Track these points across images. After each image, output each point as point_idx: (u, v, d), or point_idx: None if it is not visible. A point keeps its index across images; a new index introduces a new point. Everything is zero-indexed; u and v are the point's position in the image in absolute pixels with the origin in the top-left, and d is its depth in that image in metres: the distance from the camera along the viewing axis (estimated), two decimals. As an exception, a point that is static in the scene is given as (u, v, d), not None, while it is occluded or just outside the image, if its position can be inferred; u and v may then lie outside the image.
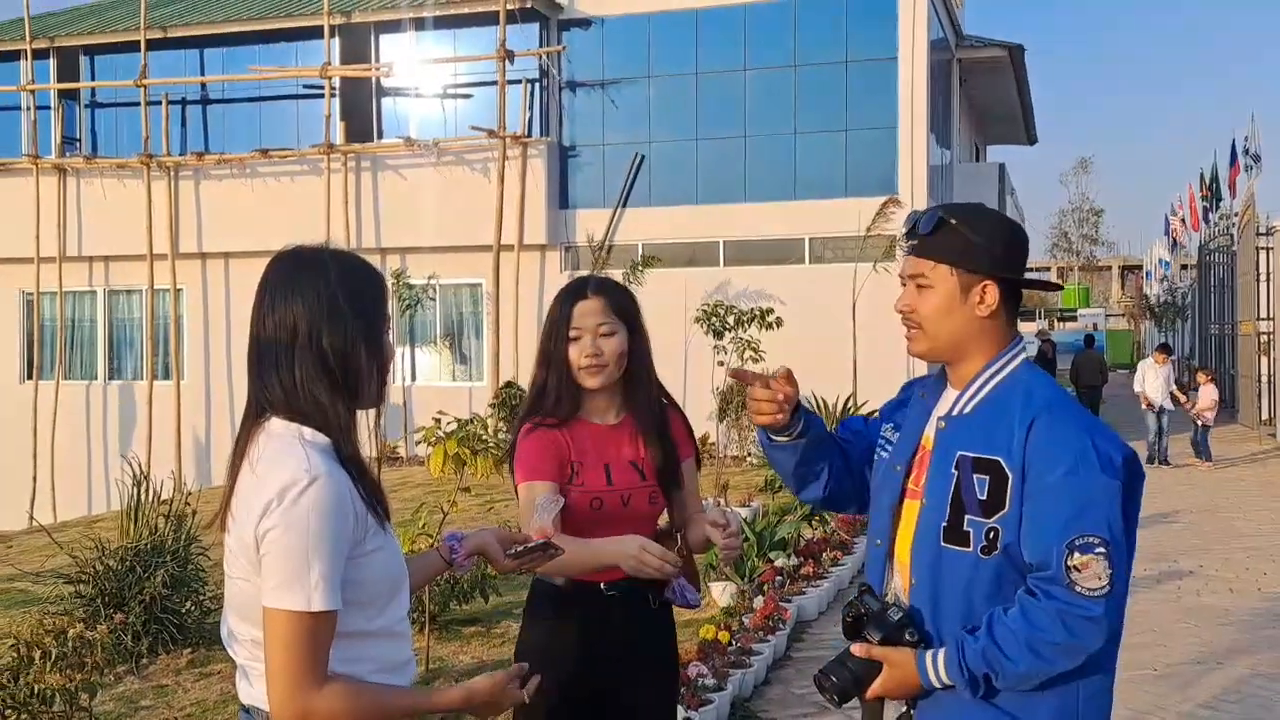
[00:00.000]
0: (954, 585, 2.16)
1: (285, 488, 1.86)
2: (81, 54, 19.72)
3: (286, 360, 1.95)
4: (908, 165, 16.47)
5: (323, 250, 2.04)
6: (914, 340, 2.29)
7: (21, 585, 8.62)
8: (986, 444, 2.15)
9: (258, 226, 17.68)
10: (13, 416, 19.60)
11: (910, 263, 2.27)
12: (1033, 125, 27.99)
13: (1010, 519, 2.11)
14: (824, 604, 7.60)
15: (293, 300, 1.95)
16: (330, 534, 1.86)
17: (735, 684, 5.55)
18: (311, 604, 1.84)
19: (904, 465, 2.32)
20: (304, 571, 1.84)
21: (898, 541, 2.30)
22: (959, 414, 2.24)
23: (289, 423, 1.96)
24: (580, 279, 2.95)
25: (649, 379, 2.90)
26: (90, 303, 19.87)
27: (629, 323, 2.86)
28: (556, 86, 17.84)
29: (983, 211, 2.29)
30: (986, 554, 2.12)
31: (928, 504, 2.22)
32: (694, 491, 2.98)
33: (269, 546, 1.86)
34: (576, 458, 2.82)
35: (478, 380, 17.87)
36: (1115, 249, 65.69)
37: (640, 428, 2.87)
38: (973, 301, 2.22)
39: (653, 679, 2.90)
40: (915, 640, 2.16)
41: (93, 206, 19.09)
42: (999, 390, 2.22)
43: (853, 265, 15.90)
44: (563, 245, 17.74)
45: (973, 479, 2.15)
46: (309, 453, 1.90)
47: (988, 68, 21.69)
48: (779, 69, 16.96)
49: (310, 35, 18.16)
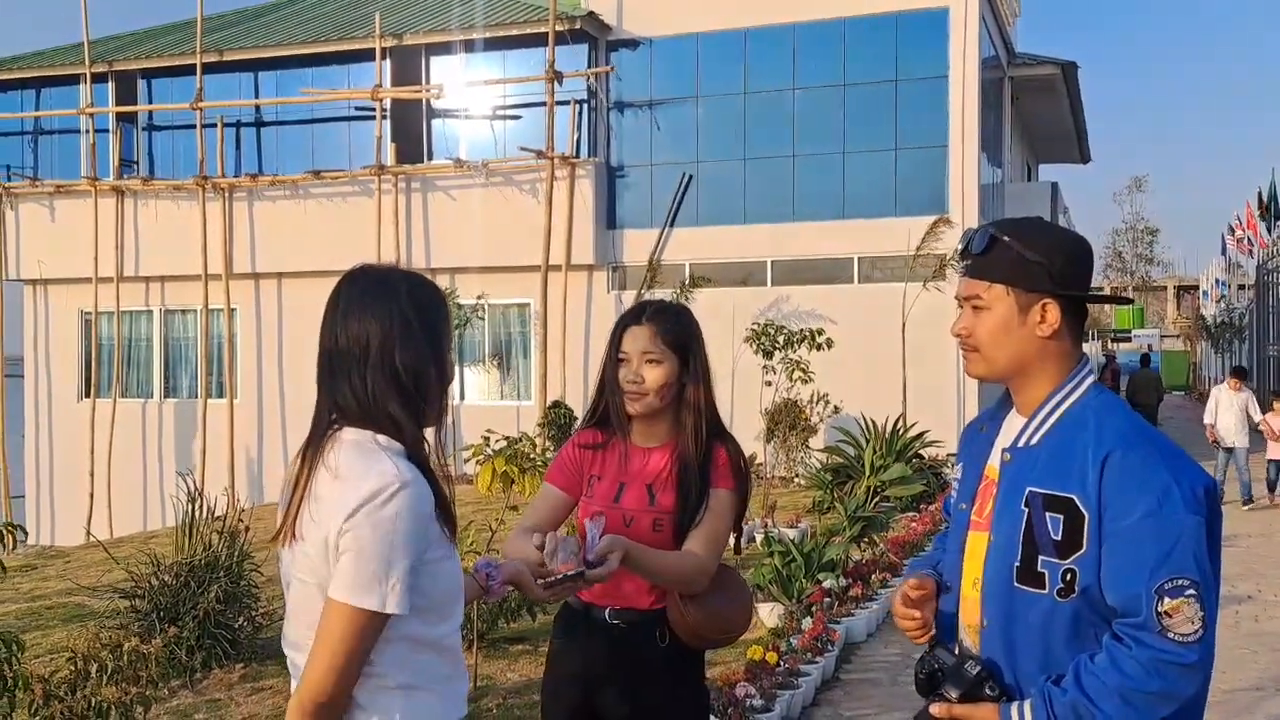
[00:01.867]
0: (1030, 629, 2.06)
1: (376, 491, 1.92)
2: (139, 78, 20.13)
3: (360, 373, 2.01)
4: (958, 184, 16.36)
5: (394, 270, 2.11)
6: (972, 363, 2.20)
7: (78, 599, 8.76)
8: (1059, 480, 2.04)
9: (310, 247, 17.93)
10: (71, 434, 19.97)
11: (965, 284, 2.18)
12: (1086, 143, 27.69)
13: (1088, 560, 2.00)
14: (873, 626, 7.53)
15: (366, 317, 2.02)
16: (411, 540, 1.93)
17: (783, 705, 5.51)
18: (386, 605, 1.92)
19: (969, 502, 2.23)
20: (384, 574, 1.91)
21: (965, 575, 2.20)
22: (1025, 445, 2.13)
23: (362, 430, 2.02)
24: (643, 303, 2.92)
25: (700, 410, 2.81)
26: (146, 322, 20.21)
27: (681, 353, 2.81)
28: (605, 107, 17.94)
29: (1039, 225, 2.19)
30: (1064, 596, 2.02)
31: (995, 540, 2.12)
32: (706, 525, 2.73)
33: (350, 545, 1.92)
34: (598, 472, 2.84)
35: (525, 399, 17.94)
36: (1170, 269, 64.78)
37: (673, 455, 2.81)
38: (1032, 322, 2.12)
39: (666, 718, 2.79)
40: (996, 695, 2.06)
41: (149, 228, 19.45)
42: (1068, 419, 2.11)
43: (902, 285, 15.81)
44: (610, 265, 17.80)
45: (1045, 518, 2.04)
46: (395, 460, 1.97)
47: (1040, 85, 21.51)
48: (828, 88, 16.93)
49: (362, 58, 18.41)
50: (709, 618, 2.72)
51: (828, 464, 13.04)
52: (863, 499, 10.69)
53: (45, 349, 20.60)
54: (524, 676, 6.24)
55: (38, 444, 20.60)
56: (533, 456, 6.56)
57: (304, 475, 2.04)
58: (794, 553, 7.88)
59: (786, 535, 8.86)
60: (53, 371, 20.56)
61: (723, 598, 2.75)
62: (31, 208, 20.18)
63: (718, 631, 2.77)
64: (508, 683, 6.11)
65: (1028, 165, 26.90)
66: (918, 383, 15.55)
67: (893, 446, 12.60)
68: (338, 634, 1.92)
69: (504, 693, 5.90)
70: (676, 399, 2.82)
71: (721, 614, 2.74)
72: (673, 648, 2.77)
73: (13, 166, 20.82)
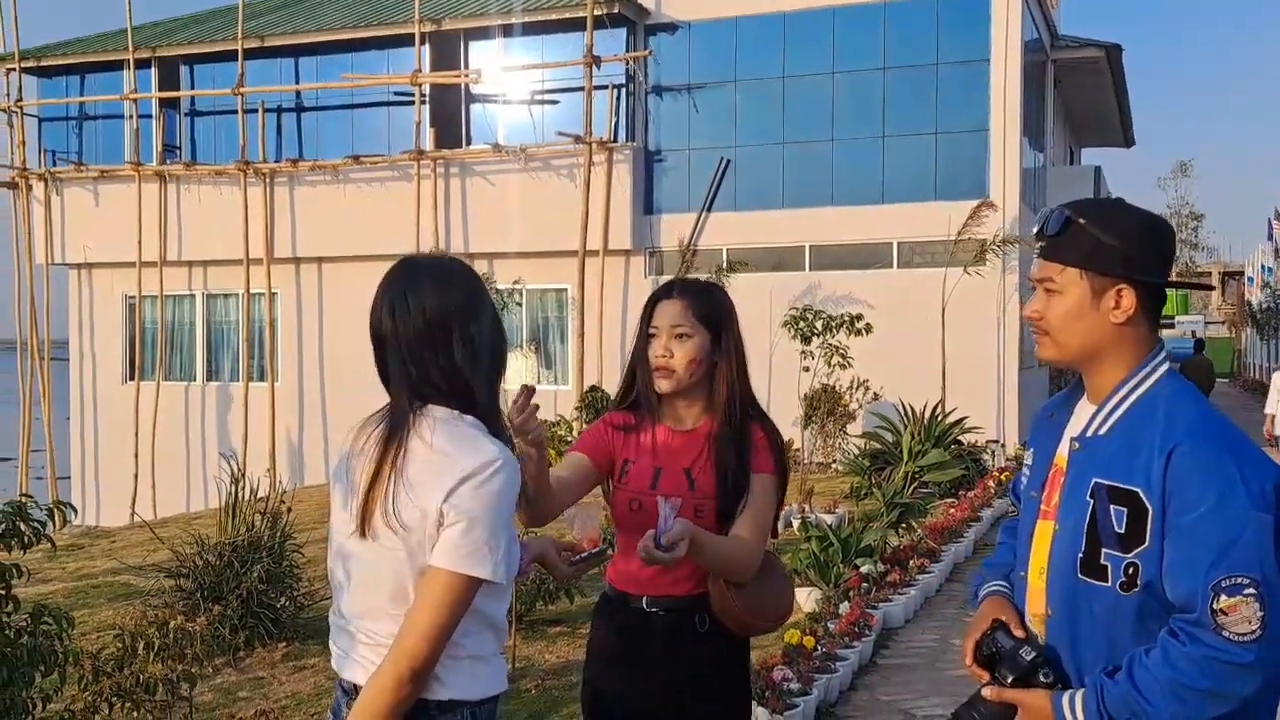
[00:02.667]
0: (1093, 620, 2.04)
1: (482, 465, 2.01)
2: (181, 64, 20.31)
3: (445, 352, 2.09)
4: (1000, 168, 16.21)
5: (442, 256, 2.26)
6: (1043, 347, 2.15)
7: (124, 578, 8.90)
8: (1124, 472, 2.01)
9: (350, 232, 18.05)
10: (115, 416, 20.25)
11: (1039, 266, 2.13)
12: (1130, 127, 27.34)
13: (1151, 555, 1.97)
14: (910, 611, 7.51)
15: (434, 298, 2.10)
16: (510, 515, 2.06)
17: (820, 689, 5.51)
18: (496, 574, 2.02)
19: (1038, 490, 2.20)
20: (495, 544, 2.01)
21: (1031, 564, 2.18)
22: (1094, 435, 2.09)
23: (449, 409, 2.10)
24: (673, 279, 2.88)
25: (733, 388, 2.74)
26: (189, 306, 20.44)
27: (713, 328, 2.74)
28: (643, 91, 17.91)
29: (1118, 208, 2.12)
30: (1126, 590, 1.99)
31: (1061, 529, 2.10)
32: (752, 510, 2.68)
33: (458, 517, 2.00)
34: (632, 456, 2.77)
35: (562, 384, 18.00)
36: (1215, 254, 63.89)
37: (710, 436, 2.73)
38: (1106, 307, 2.06)
39: (709, 708, 2.74)
40: (1050, 681, 2.04)
41: (192, 212, 19.65)
42: (1138, 408, 2.05)
43: (942, 270, 15.69)
44: (647, 250, 17.79)
45: (1110, 510, 2.01)
46: (489, 439, 2.08)
47: (1083, 68, 21.25)
48: (868, 71, 16.81)
49: (401, 43, 18.48)
50: (754, 604, 2.68)
51: (865, 450, 12.99)
52: (901, 485, 10.64)
53: (90, 332, 20.89)
54: (561, 658, 6.28)
55: (83, 426, 20.91)
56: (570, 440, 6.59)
57: (390, 459, 2.07)
58: (831, 538, 7.87)
59: (824, 521, 8.85)
60: (97, 355, 20.84)
61: (768, 584, 2.71)
62: (76, 192, 20.44)
63: (764, 618, 2.73)
64: (546, 664, 6.16)
65: (1070, 149, 26.59)
66: (957, 369, 15.44)
67: (931, 432, 12.53)
68: (444, 601, 1.99)
69: (542, 674, 5.95)
70: (709, 379, 2.75)
71: (767, 601, 2.71)
72: (713, 634, 2.72)
73: (58, 152, 21.10)
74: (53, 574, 9.42)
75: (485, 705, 2.16)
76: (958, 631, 7.15)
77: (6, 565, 3.38)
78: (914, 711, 5.63)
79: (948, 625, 7.35)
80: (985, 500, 11.07)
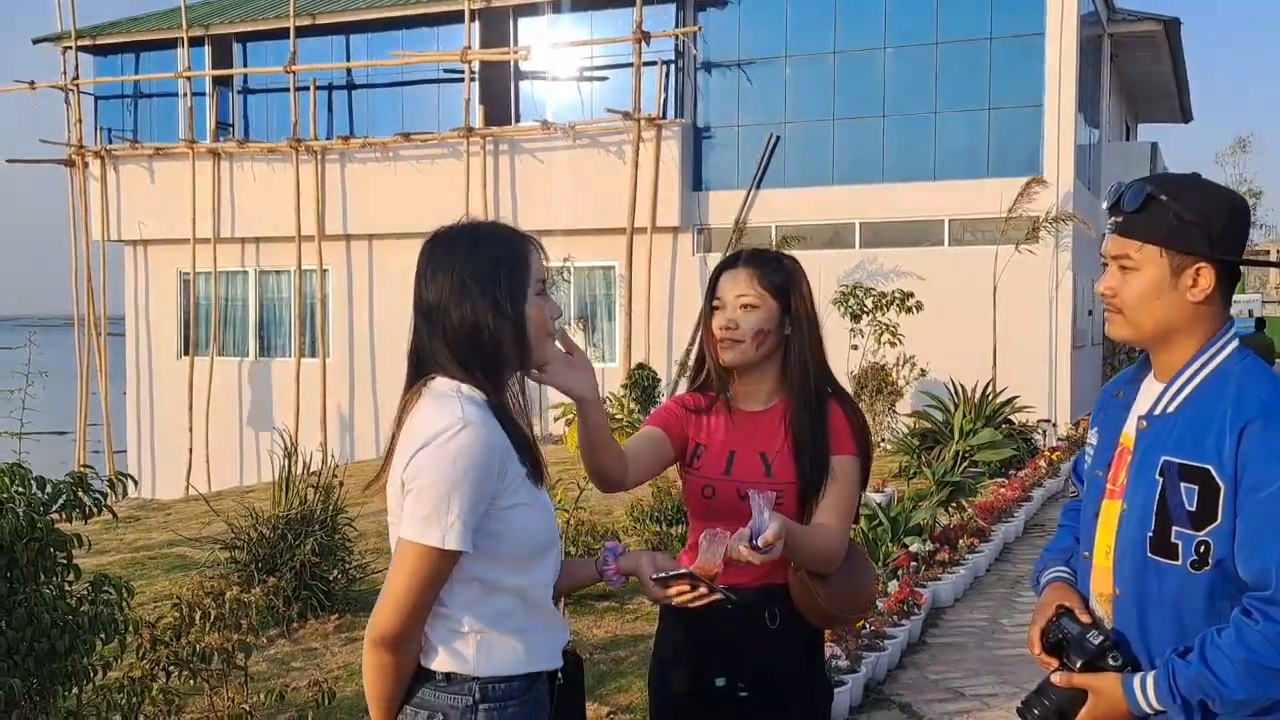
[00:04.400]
0: (1163, 600, 2.01)
1: (437, 433, 1.99)
2: (234, 41, 20.49)
3: (428, 331, 2.11)
4: (1054, 144, 15.96)
5: (460, 226, 2.18)
6: (1114, 325, 2.10)
7: (180, 550, 9.07)
8: (1195, 450, 1.98)
9: (400, 208, 18.15)
10: (170, 391, 20.58)
11: (1114, 242, 2.07)
12: (1188, 102, 26.79)
13: (1223, 532, 1.94)
14: (960, 591, 7.47)
15: (433, 279, 2.11)
16: (473, 480, 1.98)
17: (869, 667, 5.51)
18: (445, 541, 1.97)
19: (1104, 469, 2.17)
20: (444, 510, 1.96)
21: (1098, 543, 2.14)
22: (1162, 413, 2.06)
23: (450, 380, 2.09)
24: (741, 249, 2.77)
25: (806, 362, 2.60)
26: (242, 283, 20.68)
27: (781, 298, 2.60)
28: (692, 67, 17.81)
29: (1197, 183, 2.07)
30: (1197, 569, 1.97)
31: (1129, 509, 2.07)
32: (835, 496, 2.52)
33: (413, 484, 1.99)
34: (704, 439, 2.65)
35: (610, 361, 18.01)
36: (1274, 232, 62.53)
37: (785, 417, 2.58)
38: (1184, 285, 2.02)
39: (783, 702, 2.58)
40: (1120, 664, 2.03)
41: (244, 190, 19.86)
42: (1207, 385, 2.02)
43: (994, 248, 15.51)
44: (695, 228, 17.73)
45: (1180, 488, 1.98)
46: (464, 404, 2.04)
47: (1141, 42, 20.84)
48: (920, 46, 16.58)
49: (451, 20, 18.51)
50: (837, 596, 2.51)
51: (915, 429, 12.90)
52: (951, 464, 10.56)
53: (145, 308, 21.21)
54: (609, 633, 6.31)
55: (139, 400, 21.27)
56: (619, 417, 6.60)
57: (396, 431, 2.12)
58: (880, 517, 7.84)
59: (872, 500, 8.81)
60: (153, 330, 21.17)
61: (852, 575, 2.55)
62: (132, 170, 20.71)
63: (846, 609, 2.57)
64: (593, 639, 6.19)
65: (1126, 124, 26.12)
66: (1008, 347, 15.28)
67: (982, 411, 12.41)
68: (403, 569, 1.99)
69: (590, 649, 5.98)
70: (782, 353, 2.62)
71: (850, 592, 2.54)
72: (786, 625, 2.57)
73: (114, 130, 21.39)
74: (110, 545, 9.61)
75: (503, 684, 2.07)
76: (1007, 611, 7.11)
77: (68, 535, 3.45)
78: (963, 690, 5.61)
79: (997, 605, 7.30)
80: (1036, 480, 10.96)
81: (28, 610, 3.29)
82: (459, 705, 2.06)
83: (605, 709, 5.15)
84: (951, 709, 5.36)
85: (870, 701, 5.41)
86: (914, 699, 5.50)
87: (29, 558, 3.28)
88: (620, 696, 5.23)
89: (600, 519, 7.72)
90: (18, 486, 3.34)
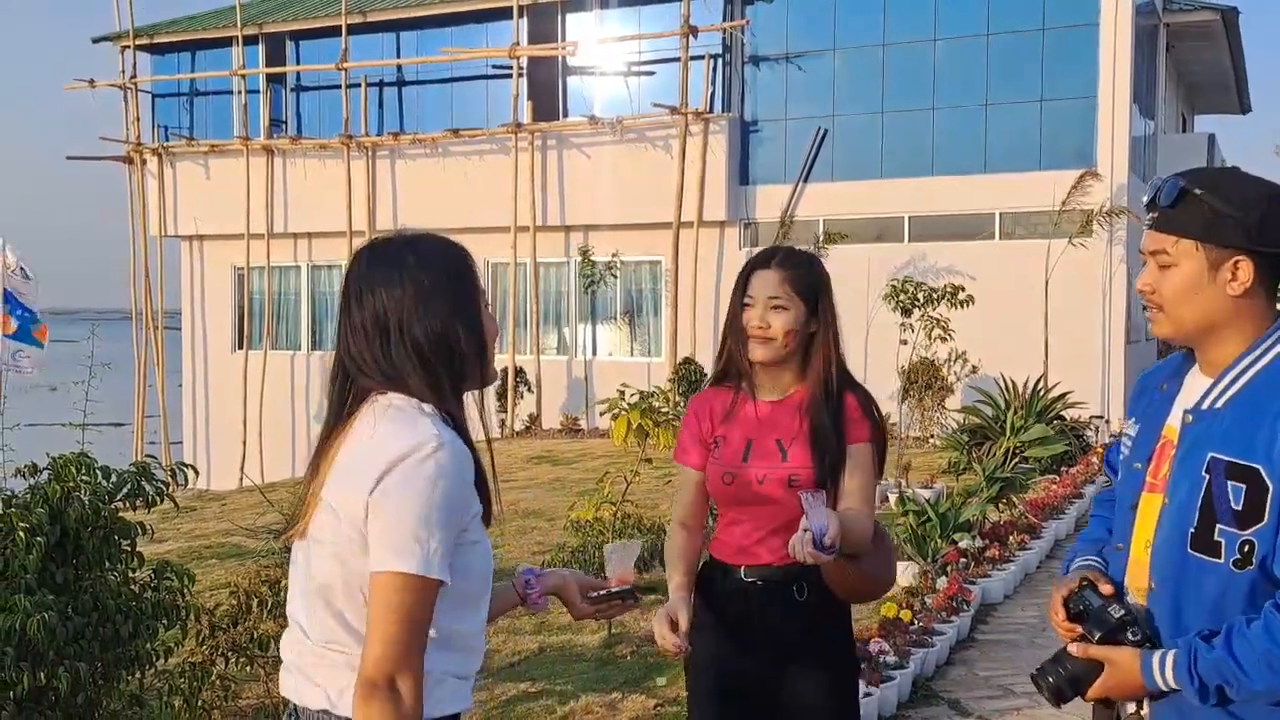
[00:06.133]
0: (1201, 598, 2.00)
1: (408, 452, 1.81)
2: (287, 39, 20.74)
3: (383, 349, 1.93)
4: (1108, 137, 15.74)
5: (399, 238, 2.04)
6: (1156, 323, 2.09)
7: (235, 539, 9.23)
8: (1244, 448, 1.95)
9: (449, 204, 18.29)
10: (225, 384, 20.90)
11: (1151, 238, 2.06)
12: (1246, 93, 26.28)
13: (1268, 532, 1.92)
14: (1010, 587, 7.41)
15: (377, 291, 1.94)
16: (449, 504, 1.82)
17: (917, 662, 5.50)
18: (430, 569, 1.79)
19: (1144, 462, 2.15)
20: (424, 536, 1.78)
21: (1135, 537, 2.13)
22: (1210, 408, 2.04)
23: (409, 397, 1.92)
24: (773, 248, 2.88)
25: (827, 357, 2.74)
26: (295, 277, 20.94)
27: (809, 300, 2.74)
28: (739, 61, 17.77)
29: (1234, 176, 2.06)
30: (1239, 568, 1.95)
31: (1171, 503, 2.05)
32: (858, 481, 2.68)
33: (385, 509, 1.80)
34: (724, 432, 2.77)
35: (656, 356, 18.05)
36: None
37: (803, 406, 2.73)
38: (1223, 280, 2.00)
39: (812, 679, 2.71)
40: (1139, 640, 2.03)
41: (297, 185, 20.11)
42: (1258, 381, 1.99)
43: (1046, 242, 15.34)
44: (742, 222, 17.70)
45: (1226, 485, 1.96)
46: (434, 422, 1.88)
47: (1197, 32, 20.46)
48: (971, 38, 16.44)
49: (499, 16, 18.61)
50: (865, 574, 2.64)
51: (964, 424, 12.81)
52: (1001, 460, 10.49)
53: (201, 303, 21.55)
54: (657, 626, 6.34)
55: (194, 393, 21.62)
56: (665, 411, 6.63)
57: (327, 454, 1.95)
58: (929, 513, 7.80)
59: (921, 495, 8.77)
60: (208, 324, 21.50)
61: (878, 553, 2.67)
62: (188, 167, 21.04)
63: (876, 585, 2.72)
64: (640, 631, 6.23)
65: (1183, 116, 25.69)
66: (1060, 342, 15.11)
67: (1033, 407, 12.30)
68: (391, 607, 1.78)
69: (638, 640, 6.03)
70: (805, 348, 2.75)
71: (877, 570, 2.67)
72: (814, 602, 2.69)
73: (170, 127, 21.74)
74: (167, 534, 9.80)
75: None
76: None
77: (131, 523, 3.53)
78: (1013, 687, 5.58)
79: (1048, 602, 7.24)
80: (1088, 477, 10.84)
81: (93, 596, 3.38)
82: None
83: (652, 701, 5.18)
84: (1002, 706, 5.34)
85: (919, 697, 5.40)
86: (963, 695, 5.48)
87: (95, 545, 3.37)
88: (667, 690, 5.26)
89: (646, 512, 7.75)
90: (84, 475, 3.43)
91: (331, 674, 1.90)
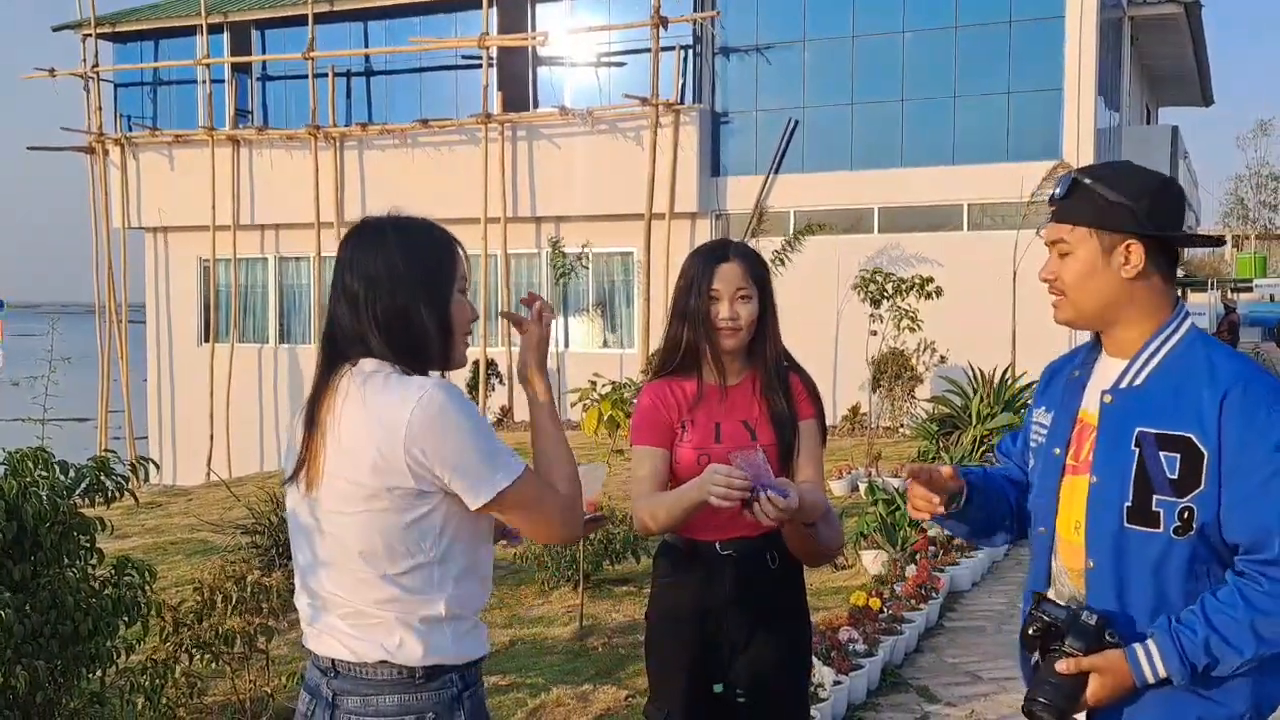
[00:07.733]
0: (1142, 568, 2.07)
1: (416, 400, 1.97)
2: (253, 28, 20.53)
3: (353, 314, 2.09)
4: (1074, 129, 15.85)
5: (386, 219, 2.20)
6: (1059, 308, 2.23)
7: (201, 535, 9.15)
8: (1172, 419, 2.06)
9: (418, 195, 18.04)
10: (191, 377, 20.70)
11: (1050, 229, 2.22)
12: (1209, 86, 26.57)
13: (1207, 497, 2.02)
14: (978, 575, 7.48)
15: (357, 269, 2.12)
16: (476, 417, 2.01)
17: (886, 650, 5.51)
18: (514, 470, 2.01)
19: (1063, 446, 2.23)
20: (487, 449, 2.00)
21: (1060, 520, 2.21)
22: (1129, 386, 2.13)
23: (381, 361, 2.06)
24: (720, 241, 3.03)
25: (773, 342, 2.93)
26: (262, 269, 20.77)
27: (762, 289, 2.91)
28: (710, 52, 17.75)
29: (1123, 168, 2.19)
30: (1180, 535, 2.04)
31: (1099, 481, 2.12)
32: (810, 454, 2.91)
33: (440, 459, 1.97)
34: (688, 415, 2.88)
35: (628, 347, 18.02)
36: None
37: (758, 387, 2.90)
38: (1117, 263, 2.13)
39: (778, 634, 2.89)
40: (1116, 640, 2.06)
41: (263, 176, 19.92)
42: (1172, 360, 2.11)
43: (1014, 233, 15.42)
44: (713, 213, 17.70)
45: (1159, 456, 2.05)
46: (415, 378, 2.04)
47: (1161, 25, 20.64)
48: (938, 30, 16.49)
49: (469, 6, 18.48)
50: (824, 539, 2.86)
51: (934, 414, 12.86)
52: (969, 448, 10.54)
53: (166, 295, 21.32)
54: (628, 617, 6.34)
55: (160, 387, 21.40)
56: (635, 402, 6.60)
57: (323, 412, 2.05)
58: (899, 501, 7.83)
59: (891, 484, 8.80)
60: (173, 317, 21.28)
61: (830, 518, 2.88)
62: (151, 157, 20.80)
63: (834, 548, 2.94)
64: (612, 622, 6.22)
65: (1147, 108, 25.93)
66: (1027, 332, 15.17)
67: (1001, 396, 12.36)
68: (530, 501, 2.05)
69: (609, 632, 6.01)
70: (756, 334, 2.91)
71: (832, 535, 2.89)
72: (781, 568, 2.89)
73: (134, 117, 21.48)
74: (132, 530, 9.70)
75: (471, 669, 2.10)
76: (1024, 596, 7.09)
77: (91, 519, 3.48)
78: (980, 674, 5.61)
79: (1015, 589, 7.29)
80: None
81: (51, 593, 3.33)
82: (444, 700, 2.03)
83: (624, 692, 5.17)
84: (969, 692, 5.37)
85: (888, 685, 5.42)
86: (931, 682, 5.50)
87: (52, 541, 3.31)
88: (639, 680, 5.25)
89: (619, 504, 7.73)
90: (41, 470, 3.37)
91: (384, 630, 2.02)
